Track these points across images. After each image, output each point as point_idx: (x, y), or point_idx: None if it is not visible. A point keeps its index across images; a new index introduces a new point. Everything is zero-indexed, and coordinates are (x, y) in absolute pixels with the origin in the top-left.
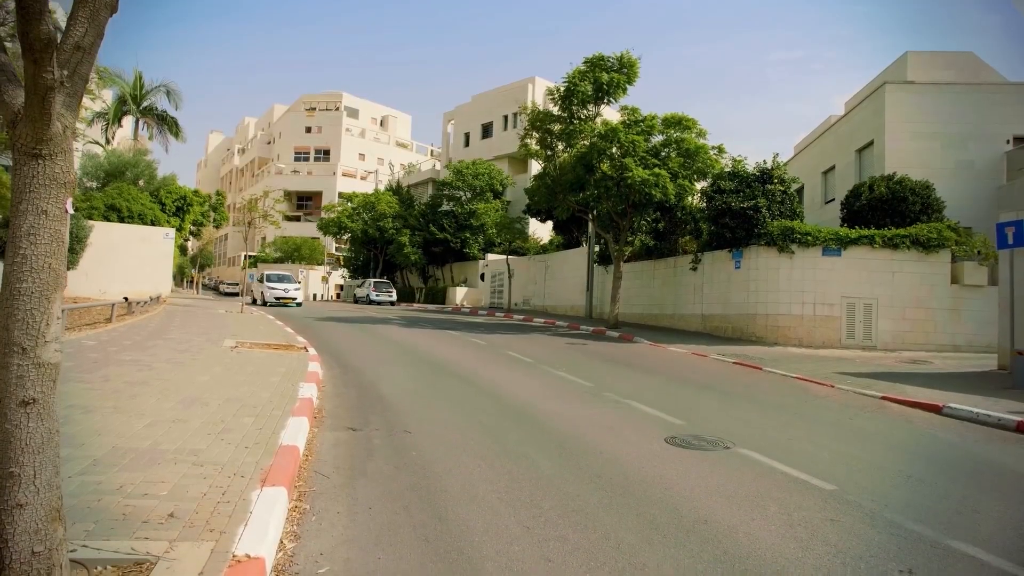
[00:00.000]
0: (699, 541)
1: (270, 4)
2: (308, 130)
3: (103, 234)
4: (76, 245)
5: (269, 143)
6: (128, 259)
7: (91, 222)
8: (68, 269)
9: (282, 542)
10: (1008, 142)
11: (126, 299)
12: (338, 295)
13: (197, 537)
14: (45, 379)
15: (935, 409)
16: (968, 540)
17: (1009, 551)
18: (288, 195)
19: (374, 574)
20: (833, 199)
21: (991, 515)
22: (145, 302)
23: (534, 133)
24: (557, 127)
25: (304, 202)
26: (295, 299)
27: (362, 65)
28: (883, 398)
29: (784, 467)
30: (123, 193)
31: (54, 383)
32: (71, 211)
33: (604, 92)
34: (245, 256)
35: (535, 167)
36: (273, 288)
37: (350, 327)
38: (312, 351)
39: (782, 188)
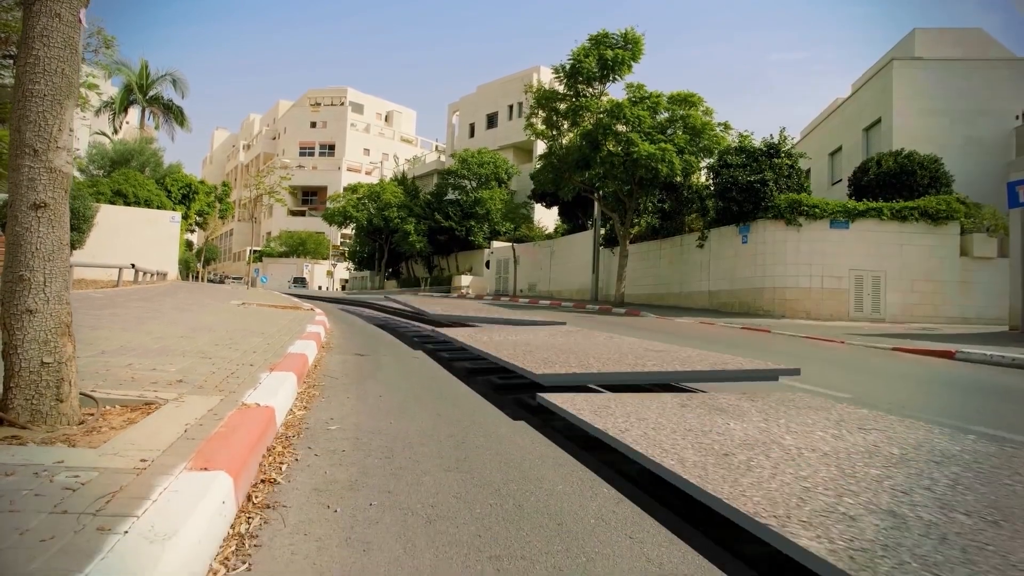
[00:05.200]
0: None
1: (275, 4)
2: (313, 125)
3: (109, 216)
4: (82, 225)
5: (274, 139)
6: (134, 241)
7: (97, 204)
8: (73, 249)
9: (292, 410)
10: (1017, 118)
11: (133, 265)
12: (343, 288)
13: (206, 393)
14: (56, 186)
15: (948, 355)
16: (990, 427)
17: None
18: (293, 190)
19: (384, 431)
20: (840, 180)
21: (1011, 414)
22: (153, 274)
23: (540, 112)
24: (563, 106)
25: (309, 197)
26: None
27: (367, 64)
28: (894, 349)
29: (796, 383)
30: (129, 179)
31: (65, 192)
32: (84, 23)
33: (609, 69)
34: (251, 251)
35: (540, 150)
36: None
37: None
38: (319, 311)
39: (789, 162)
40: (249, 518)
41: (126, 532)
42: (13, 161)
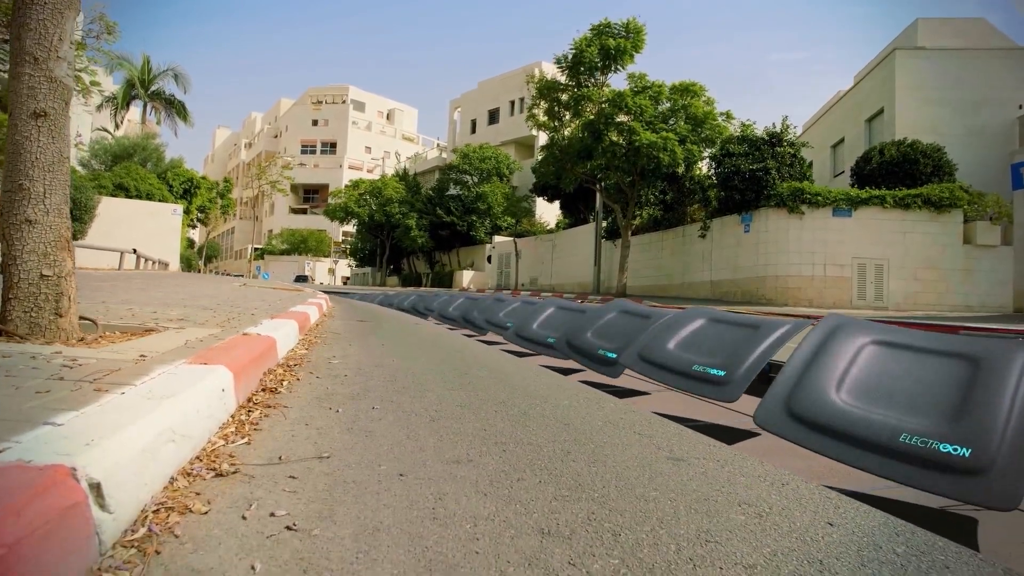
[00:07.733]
0: None
1: (275, 4)
2: (315, 123)
3: (111, 208)
4: (84, 215)
5: (276, 137)
6: (136, 233)
7: (99, 196)
8: (75, 239)
9: (293, 350)
10: (1020, 107)
11: (135, 251)
12: (344, 284)
13: (207, 328)
14: (57, 96)
15: (953, 331)
16: None
17: None
18: (295, 187)
19: (387, 366)
20: (842, 172)
21: None
22: (155, 262)
23: (542, 103)
24: (565, 96)
25: (311, 195)
26: None
27: (368, 64)
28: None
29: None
30: (131, 173)
31: (66, 105)
32: None
33: (611, 59)
34: (252, 248)
35: (543, 141)
36: None
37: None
38: (322, 294)
39: (791, 151)
40: (249, 411)
41: (123, 393)
42: (13, 69)
